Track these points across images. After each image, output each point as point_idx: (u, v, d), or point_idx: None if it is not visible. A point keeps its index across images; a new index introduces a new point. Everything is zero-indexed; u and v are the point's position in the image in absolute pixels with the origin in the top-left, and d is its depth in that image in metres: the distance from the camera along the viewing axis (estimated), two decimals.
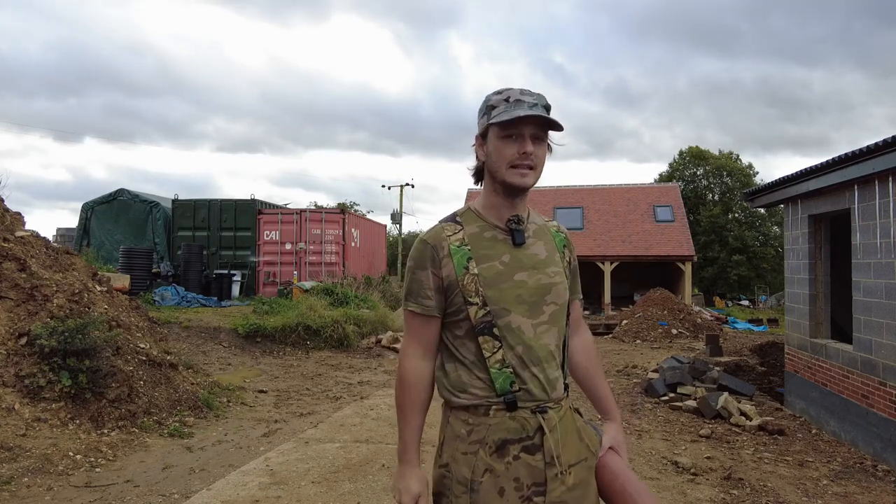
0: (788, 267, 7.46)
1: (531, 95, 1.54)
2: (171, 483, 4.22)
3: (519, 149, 1.51)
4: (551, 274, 1.61)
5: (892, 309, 5.04)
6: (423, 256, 1.60)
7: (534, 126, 1.52)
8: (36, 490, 3.95)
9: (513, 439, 1.52)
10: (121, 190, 19.16)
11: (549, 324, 1.58)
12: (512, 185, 1.55)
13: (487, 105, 1.57)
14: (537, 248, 1.62)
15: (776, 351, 10.72)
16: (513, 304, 1.55)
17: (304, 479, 4.29)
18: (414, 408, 1.60)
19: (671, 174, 36.64)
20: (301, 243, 17.15)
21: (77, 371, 5.10)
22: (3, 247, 5.94)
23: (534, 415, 1.54)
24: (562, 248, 1.70)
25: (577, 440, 1.61)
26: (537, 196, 24.39)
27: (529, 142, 1.51)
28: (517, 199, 1.61)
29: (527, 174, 1.54)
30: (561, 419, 1.58)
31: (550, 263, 1.62)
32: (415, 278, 1.61)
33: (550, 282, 1.60)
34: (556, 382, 1.58)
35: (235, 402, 6.66)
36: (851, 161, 5.40)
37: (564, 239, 1.73)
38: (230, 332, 10.53)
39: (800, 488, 4.39)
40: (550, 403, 1.56)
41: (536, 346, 1.55)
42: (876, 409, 5.23)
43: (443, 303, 1.59)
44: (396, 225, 38.57)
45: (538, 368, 1.55)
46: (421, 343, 1.62)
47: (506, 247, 1.59)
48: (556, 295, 1.60)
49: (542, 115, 1.49)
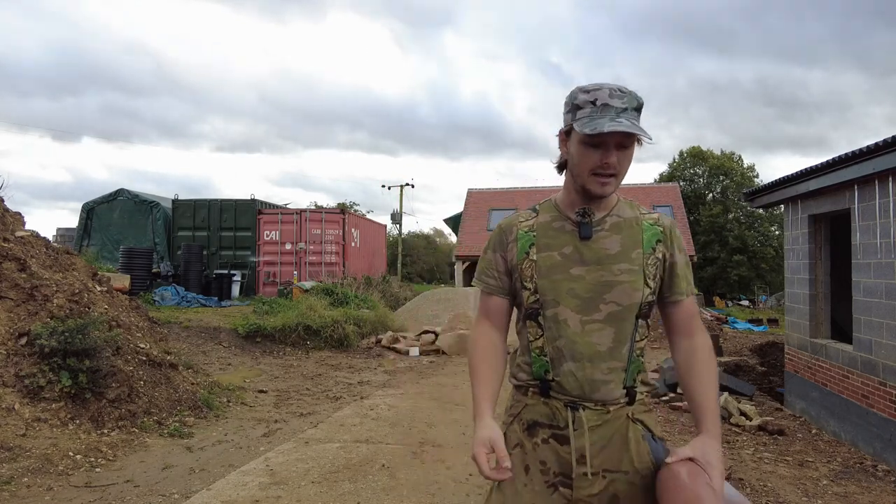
0: (788, 267, 7.46)
1: (621, 98, 1.44)
2: (171, 483, 4.22)
3: (602, 158, 1.46)
4: (617, 272, 1.52)
5: (892, 309, 5.03)
6: (494, 241, 1.68)
7: (622, 135, 1.44)
8: (36, 490, 3.95)
9: (543, 423, 1.56)
10: (121, 190, 19.16)
11: (603, 323, 1.52)
12: (591, 193, 1.52)
13: (574, 102, 1.49)
14: (609, 242, 1.55)
15: (776, 351, 10.71)
16: (563, 297, 1.53)
17: (304, 479, 4.29)
18: (478, 369, 1.63)
19: (671, 174, 36.65)
20: (301, 243, 17.15)
21: (77, 371, 5.10)
22: (4, 247, 5.94)
23: (566, 408, 1.53)
24: (652, 244, 1.57)
25: (622, 450, 1.52)
26: (537, 195, 24.37)
27: (613, 152, 1.46)
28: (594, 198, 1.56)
29: (607, 183, 1.49)
30: (605, 423, 1.52)
31: (621, 260, 1.54)
32: (484, 258, 1.70)
33: (613, 280, 1.52)
34: (599, 384, 1.52)
35: (235, 402, 6.66)
36: (851, 161, 5.40)
37: (660, 233, 1.59)
38: (230, 332, 10.52)
39: (800, 488, 4.39)
40: (589, 403, 1.52)
41: (581, 343, 1.52)
42: (876, 410, 5.23)
43: (508, 284, 1.64)
44: (396, 225, 38.56)
45: (577, 365, 1.52)
46: (487, 316, 1.69)
47: (571, 238, 1.57)
48: (618, 294, 1.52)
49: (627, 130, 1.40)
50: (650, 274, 1.55)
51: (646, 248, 1.56)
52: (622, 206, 1.62)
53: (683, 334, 1.62)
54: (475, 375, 1.63)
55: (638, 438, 1.54)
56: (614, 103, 1.43)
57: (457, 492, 4.11)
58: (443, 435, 5.45)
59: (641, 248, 1.56)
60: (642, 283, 1.54)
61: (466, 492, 4.11)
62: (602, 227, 1.57)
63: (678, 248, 1.61)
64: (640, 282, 1.53)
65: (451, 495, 4.05)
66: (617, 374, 1.53)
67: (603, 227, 1.57)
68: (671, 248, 1.60)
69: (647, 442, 1.55)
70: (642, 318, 1.56)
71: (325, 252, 17.31)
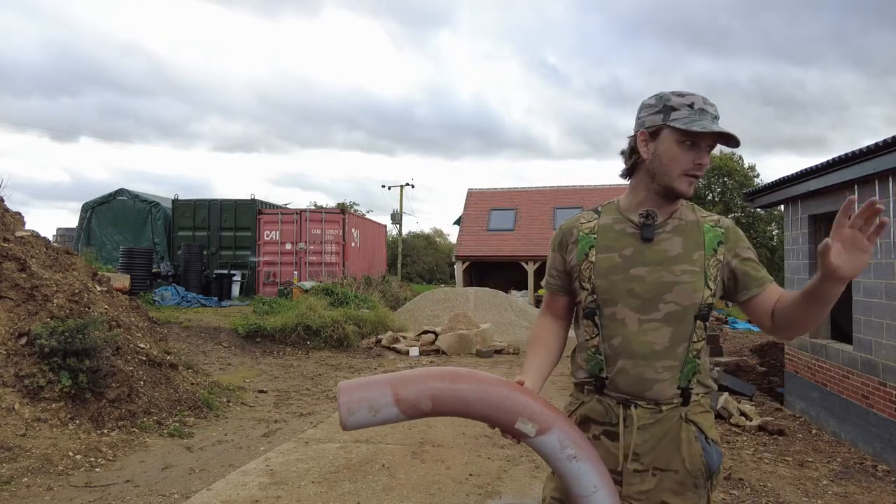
0: (788, 267, 7.46)
1: (712, 106, 1.53)
2: (171, 483, 4.22)
3: (696, 159, 1.52)
4: (677, 272, 1.55)
5: (892, 309, 5.03)
6: (555, 241, 1.76)
7: (712, 138, 1.52)
8: (36, 490, 3.95)
9: (596, 420, 1.61)
10: (121, 190, 19.16)
11: (661, 322, 1.54)
12: (678, 192, 1.56)
13: (665, 104, 1.54)
14: (671, 244, 1.58)
15: (776, 351, 10.71)
16: (622, 297, 1.56)
17: (304, 479, 4.29)
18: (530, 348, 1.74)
19: None
20: (301, 243, 17.15)
21: (77, 371, 5.10)
22: (4, 247, 5.94)
23: (619, 406, 1.57)
24: (714, 245, 1.59)
25: (673, 449, 1.54)
26: (537, 196, 24.40)
27: (706, 152, 1.53)
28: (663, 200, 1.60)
29: (693, 183, 1.55)
30: (657, 421, 1.55)
31: (682, 261, 1.56)
32: (549, 258, 1.78)
33: (674, 280, 1.54)
34: (652, 382, 1.54)
35: (235, 402, 6.66)
36: (851, 161, 5.40)
37: (722, 235, 1.60)
38: (230, 332, 10.52)
39: (800, 488, 4.39)
40: (641, 401, 1.55)
41: (636, 342, 1.55)
42: (876, 410, 5.23)
43: (568, 283, 1.71)
44: (396, 225, 38.56)
45: (631, 363, 1.55)
46: (549, 311, 1.79)
47: (632, 240, 1.60)
48: (678, 295, 1.54)
49: (730, 133, 1.48)
50: (711, 275, 1.57)
51: (707, 249, 1.58)
52: (684, 210, 1.64)
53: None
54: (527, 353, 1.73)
55: (690, 439, 1.55)
56: (709, 109, 1.52)
57: (457, 492, 4.11)
58: (443, 435, 5.45)
59: (703, 250, 1.58)
60: (703, 285, 1.55)
61: (466, 492, 4.11)
62: (664, 229, 1.60)
63: (744, 244, 1.62)
64: (700, 283, 1.55)
65: (451, 495, 4.05)
66: (671, 373, 1.55)
67: (664, 229, 1.60)
68: (735, 248, 1.61)
69: (700, 443, 1.56)
70: (701, 319, 1.56)
71: (325, 252, 17.31)
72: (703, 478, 1.55)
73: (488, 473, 4.48)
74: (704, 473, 1.55)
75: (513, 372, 9.06)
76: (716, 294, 1.59)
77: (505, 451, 4.98)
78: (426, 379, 1.47)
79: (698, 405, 1.60)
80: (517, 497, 4.02)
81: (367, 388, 1.46)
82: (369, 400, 1.44)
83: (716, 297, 1.59)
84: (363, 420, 1.44)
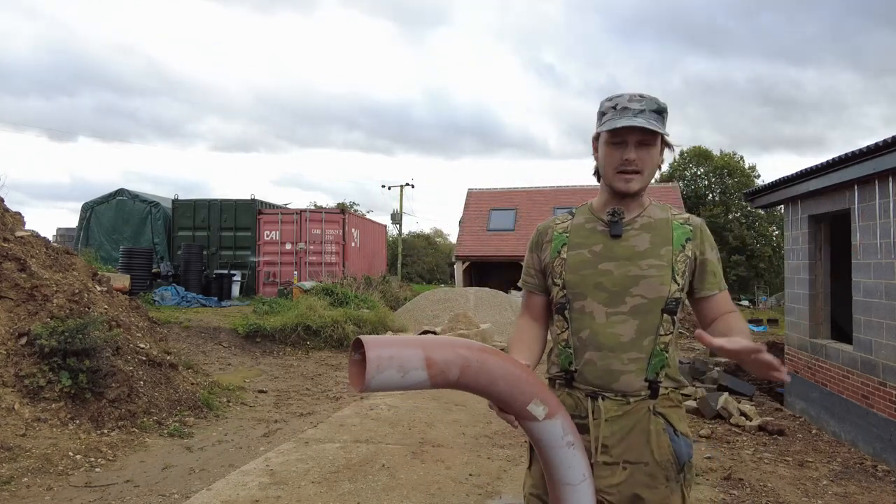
0: (788, 267, 7.46)
1: (640, 101, 1.57)
2: (171, 483, 4.22)
3: (622, 155, 1.59)
4: (644, 266, 1.60)
5: (892, 309, 5.03)
6: (532, 241, 1.83)
7: (640, 133, 1.57)
8: (36, 490, 3.95)
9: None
10: (121, 190, 19.16)
11: (627, 315, 1.59)
12: (617, 190, 1.64)
13: (600, 111, 1.65)
14: (639, 240, 1.64)
15: (776, 351, 10.69)
16: (591, 291, 1.62)
17: (304, 479, 4.29)
18: (514, 350, 1.70)
19: (671, 174, 36.65)
20: (301, 243, 17.15)
21: (77, 371, 5.10)
22: (3, 247, 5.94)
23: (587, 398, 1.61)
24: (682, 242, 1.65)
25: (642, 442, 1.58)
26: (537, 196, 24.41)
27: (633, 149, 1.58)
28: (627, 199, 1.67)
29: (631, 179, 1.61)
30: (625, 414, 1.58)
31: (649, 256, 1.62)
32: (525, 258, 1.83)
33: (641, 274, 1.60)
34: (618, 374, 1.58)
35: (235, 402, 6.66)
36: (851, 161, 5.40)
37: (690, 232, 1.67)
38: (230, 332, 10.52)
39: (800, 488, 4.39)
40: (609, 393, 1.59)
41: (603, 334, 1.60)
42: (876, 410, 5.23)
43: (543, 282, 1.76)
44: (396, 225, 38.56)
45: (598, 355, 1.60)
46: (527, 311, 1.81)
47: (602, 237, 1.67)
48: (645, 288, 1.59)
49: (642, 125, 1.53)
50: (679, 270, 1.62)
51: (675, 245, 1.64)
52: (653, 209, 1.71)
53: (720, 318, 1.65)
54: (510, 353, 1.69)
55: (659, 431, 1.58)
56: (632, 106, 1.57)
57: (457, 492, 4.11)
58: (443, 435, 5.45)
59: (671, 246, 1.64)
60: (670, 279, 1.60)
61: (466, 492, 4.11)
62: (632, 226, 1.66)
63: (709, 245, 1.68)
64: (667, 277, 1.60)
65: (451, 495, 4.05)
66: (638, 365, 1.59)
67: (633, 226, 1.66)
68: (701, 246, 1.67)
69: (668, 435, 1.59)
70: (668, 312, 1.60)
71: (325, 252, 17.31)
72: (673, 470, 1.57)
73: (488, 473, 4.48)
74: (675, 465, 1.57)
75: None
76: (684, 289, 1.63)
77: (505, 451, 4.98)
78: (456, 347, 1.39)
79: (668, 399, 1.63)
80: (517, 497, 4.02)
81: (398, 346, 1.32)
82: (400, 359, 1.30)
83: (684, 291, 1.64)
84: (388, 381, 1.29)
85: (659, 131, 1.56)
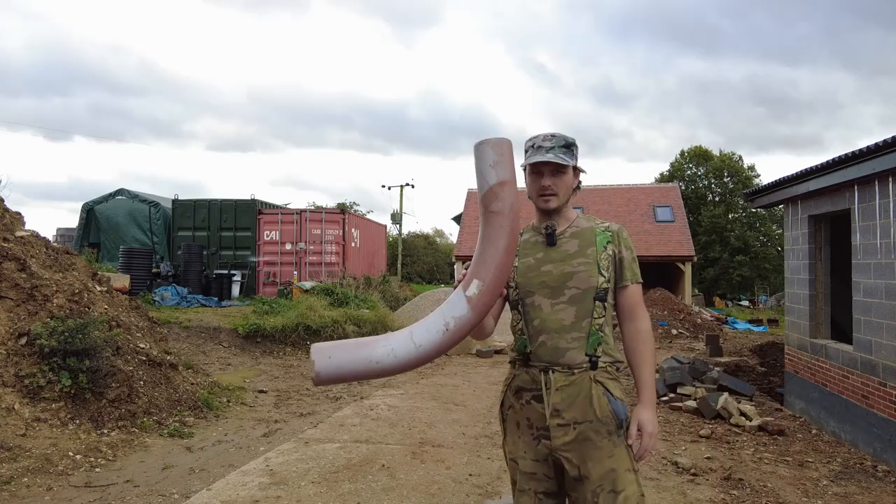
0: (788, 267, 7.46)
1: (551, 140, 2.03)
2: (171, 483, 4.22)
3: (541, 182, 2.05)
4: (576, 264, 2.01)
5: (892, 309, 5.03)
6: None
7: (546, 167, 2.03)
8: (36, 490, 3.95)
9: (526, 388, 2.02)
10: (121, 190, 19.16)
11: (567, 304, 1.99)
12: (540, 209, 2.11)
13: (524, 150, 2.08)
14: (570, 245, 2.06)
15: (776, 351, 10.71)
16: (537, 288, 2.03)
17: (304, 479, 4.29)
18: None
19: (672, 174, 36.63)
20: (301, 243, 17.15)
21: (77, 371, 5.10)
22: (3, 247, 5.94)
23: (541, 373, 1.98)
24: (604, 244, 2.05)
25: (587, 404, 1.94)
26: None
27: (548, 177, 2.03)
28: (553, 215, 2.09)
29: (549, 200, 2.06)
30: (571, 383, 1.96)
31: (579, 256, 2.03)
32: None
33: (573, 270, 2.01)
34: (564, 351, 1.97)
35: (235, 402, 6.66)
36: (851, 161, 5.40)
37: (610, 236, 2.07)
38: (230, 332, 10.52)
39: (800, 489, 4.39)
40: (558, 367, 1.97)
41: (550, 320, 1.99)
42: (876, 410, 5.23)
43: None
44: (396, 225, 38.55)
45: (548, 336, 1.99)
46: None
47: (541, 247, 2.09)
48: (578, 281, 1.99)
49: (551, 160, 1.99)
50: (603, 266, 2.02)
51: (599, 247, 2.05)
52: (580, 220, 2.13)
53: (629, 318, 2.06)
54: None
55: (599, 395, 1.96)
56: (545, 144, 2.03)
57: (457, 492, 4.11)
58: (443, 435, 5.45)
59: (595, 247, 2.04)
60: (597, 272, 2.01)
61: (466, 492, 4.12)
62: (564, 235, 2.09)
63: (625, 246, 2.08)
64: (594, 271, 2.01)
65: (451, 495, 4.05)
66: (579, 343, 1.97)
67: (564, 235, 2.09)
68: (619, 246, 2.07)
69: (607, 398, 1.96)
70: (599, 300, 1.99)
71: (325, 252, 17.31)
72: (613, 425, 1.94)
73: (488, 473, 4.48)
74: (614, 421, 1.94)
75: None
76: (609, 280, 2.02)
77: None
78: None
79: (605, 372, 1.99)
80: None
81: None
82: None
83: (610, 283, 2.02)
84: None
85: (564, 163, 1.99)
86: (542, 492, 1.99)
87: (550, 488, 1.99)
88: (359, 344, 1.74)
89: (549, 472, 1.98)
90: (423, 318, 1.81)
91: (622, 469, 1.91)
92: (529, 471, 1.99)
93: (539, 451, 1.97)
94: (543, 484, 1.98)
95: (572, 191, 2.10)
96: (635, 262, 2.09)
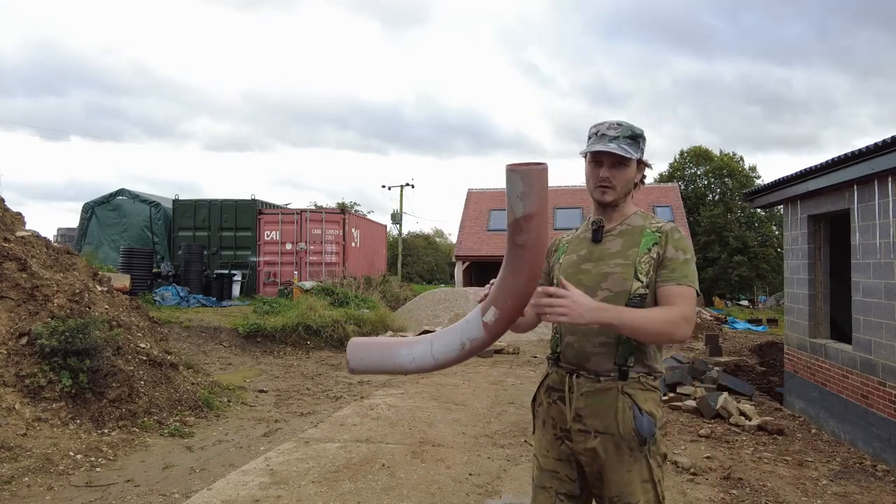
0: (788, 267, 7.47)
1: (616, 129, 1.89)
2: (172, 483, 4.22)
3: (599, 173, 1.92)
4: (613, 265, 1.91)
5: (891, 309, 5.04)
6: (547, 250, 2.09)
7: (606, 156, 1.89)
8: (36, 490, 3.96)
9: (554, 387, 1.99)
10: (121, 190, 19.17)
11: None
12: (596, 201, 1.99)
13: (588, 135, 1.96)
14: (614, 244, 1.95)
15: (775, 351, 10.72)
16: (573, 286, 1.83)
17: (305, 479, 4.30)
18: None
19: (671, 174, 36.63)
20: (301, 243, 17.16)
21: (77, 371, 5.11)
22: (4, 247, 5.95)
23: (567, 374, 1.93)
24: (649, 245, 1.90)
25: (611, 416, 1.84)
26: None
27: (607, 168, 1.90)
28: (608, 209, 1.98)
29: (606, 192, 1.93)
30: (596, 391, 1.87)
31: (618, 257, 1.91)
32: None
33: (609, 271, 1.90)
34: (590, 355, 1.88)
35: (236, 401, 6.66)
36: (851, 161, 5.41)
37: (658, 237, 1.91)
38: (230, 332, 10.53)
39: (799, 488, 4.40)
40: (584, 372, 1.89)
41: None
42: (875, 410, 5.24)
43: (548, 283, 2.04)
44: (396, 225, 38.56)
45: (574, 338, 1.92)
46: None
47: (587, 243, 2.01)
48: (612, 283, 1.88)
49: (614, 151, 1.84)
50: (642, 270, 1.87)
51: (641, 248, 1.90)
52: (635, 217, 1.99)
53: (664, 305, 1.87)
54: None
55: (625, 408, 1.84)
56: (609, 132, 1.88)
57: (457, 492, 4.12)
58: (443, 435, 5.46)
59: (637, 248, 1.90)
60: (632, 276, 1.87)
61: (466, 492, 4.12)
62: (611, 233, 1.97)
63: (673, 245, 1.89)
64: (630, 274, 1.87)
65: (451, 495, 4.06)
66: (607, 349, 1.87)
67: (612, 232, 1.97)
68: (665, 246, 1.90)
69: (633, 412, 1.84)
70: (633, 306, 1.83)
71: (326, 252, 17.32)
72: (635, 442, 1.83)
73: (488, 473, 4.49)
74: (636, 439, 1.82)
75: (513, 371, 9.07)
76: (648, 286, 1.86)
77: (505, 451, 4.99)
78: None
79: (638, 383, 1.87)
80: (517, 497, 4.03)
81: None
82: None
83: (648, 288, 1.86)
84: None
85: (626, 156, 1.85)
86: (563, 493, 1.94)
87: (573, 490, 1.94)
88: (386, 346, 1.91)
89: (571, 473, 1.93)
90: (443, 331, 1.88)
91: (638, 480, 1.84)
92: (551, 468, 1.96)
93: (562, 451, 1.94)
94: (566, 485, 1.94)
95: (633, 186, 1.96)
96: (687, 265, 1.86)
